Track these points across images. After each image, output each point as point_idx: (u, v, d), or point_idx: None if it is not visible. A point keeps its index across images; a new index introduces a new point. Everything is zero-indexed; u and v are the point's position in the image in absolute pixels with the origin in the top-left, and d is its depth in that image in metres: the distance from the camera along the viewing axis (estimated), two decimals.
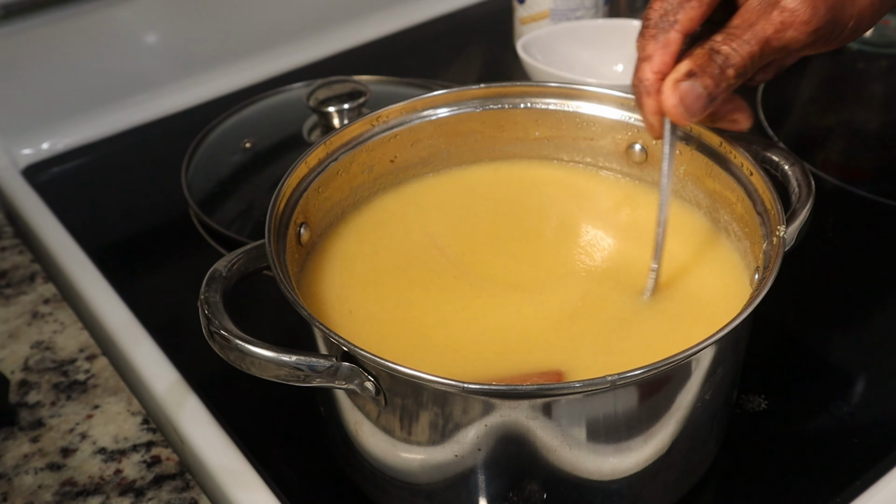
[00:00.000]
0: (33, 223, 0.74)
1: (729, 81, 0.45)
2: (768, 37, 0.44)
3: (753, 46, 0.44)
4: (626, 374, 0.39)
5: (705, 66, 0.45)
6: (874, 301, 0.64)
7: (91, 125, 0.85)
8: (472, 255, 0.54)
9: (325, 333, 0.42)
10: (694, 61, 0.45)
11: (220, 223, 0.69)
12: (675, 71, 0.46)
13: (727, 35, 0.45)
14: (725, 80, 0.45)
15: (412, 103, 0.56)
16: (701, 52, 0.45)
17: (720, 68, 0.45)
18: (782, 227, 0.46)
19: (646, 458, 0.45)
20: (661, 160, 0.49)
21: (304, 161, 0.52)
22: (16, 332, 0.61)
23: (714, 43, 0.45)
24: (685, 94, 0.45)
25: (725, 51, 0.44)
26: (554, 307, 0.50)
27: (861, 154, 0.81)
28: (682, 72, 0.45)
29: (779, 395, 0.56)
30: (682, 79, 0.45)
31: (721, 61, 0.44)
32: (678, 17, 0.45)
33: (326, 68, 0.91)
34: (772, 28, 0.44)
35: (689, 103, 0.45)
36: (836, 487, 0.51)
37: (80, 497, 0.50)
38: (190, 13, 0.89)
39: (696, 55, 0.45)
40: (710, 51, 0.45)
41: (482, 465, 0.43)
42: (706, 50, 0.45)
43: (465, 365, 0.47)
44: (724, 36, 0.45)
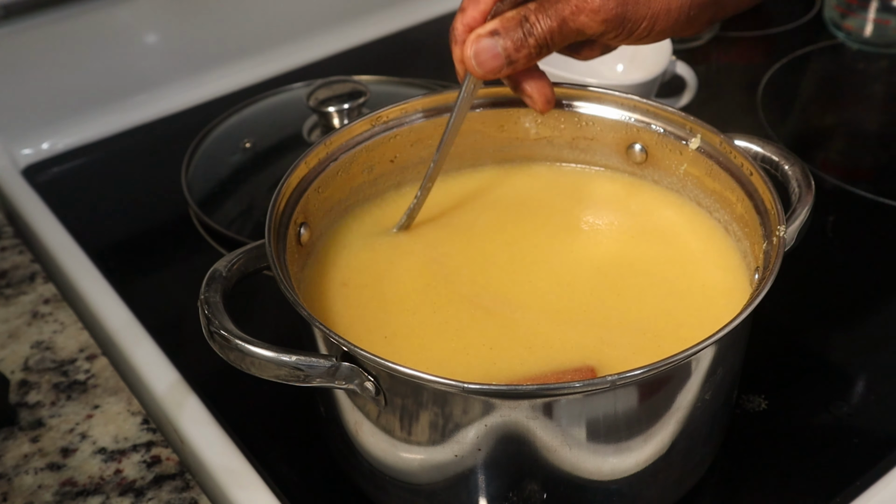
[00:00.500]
0: (33, 223, 0.74)
1: (529, 50, 0.48)
2: (565, 17, 0.47)
3: (553, 22, 0.47)
4: (626, 374, 0.39)
5: (510, 29, 0.47)
6: (874, 301, 0.64)
7: (91, 125, 0.85)
8: (472, 256, 0.54)
9: (325, 333, 0.42)
10: (501, 22, 0.48)
11: (220, 223, 0.69)
12: (482, 27, 0.48)
13: (539, 6, 0.47)
14: (526, 47, 0.47)
15: (412, 103, 0.56)
16: (512, 16, 0.47)
17: (524, 36, 0.47)
18: (782, 227, 0.46)
19: (646, 458, 0.45)
20: (454, 107, 0.52)
21: (304, 161, 0.52)
22: (16, 332, 0.61)
23: (527, 10, 0.47)
24: (483, 49, 0.48)
25: (532, 20, 0.47)
26: (554, 307, 0.50)
27: (861, 154, 0.81)
28: (486, 29, 0.48)
29: (779, 395, 0.56)
30: (484, 35, 0.48)
31: (526, 29, 0.47)
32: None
33: (326, 68, 0.91)
34: (568, 9, 0.46)
35: (483, 58, 0.48)
36: (836, 487, 0.51)
37: (80, 497, 0.50)
38: (190, 13, 0.89)
39: (506, 17, 0.48)
40: (521, 17, 0.47)
41: (482, 465, 0.43)
42: (518, 15, 0.47)
43: (465, 365, 0.47)
44: (536, 6, 0.47)
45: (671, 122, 0.54)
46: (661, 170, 0.57)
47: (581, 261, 0.54)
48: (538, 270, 0.53)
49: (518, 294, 0.51)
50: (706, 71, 0.89)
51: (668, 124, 0.55)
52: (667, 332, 0.48)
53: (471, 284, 0.52)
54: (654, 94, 0.78)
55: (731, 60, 0.93)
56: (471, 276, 0.53)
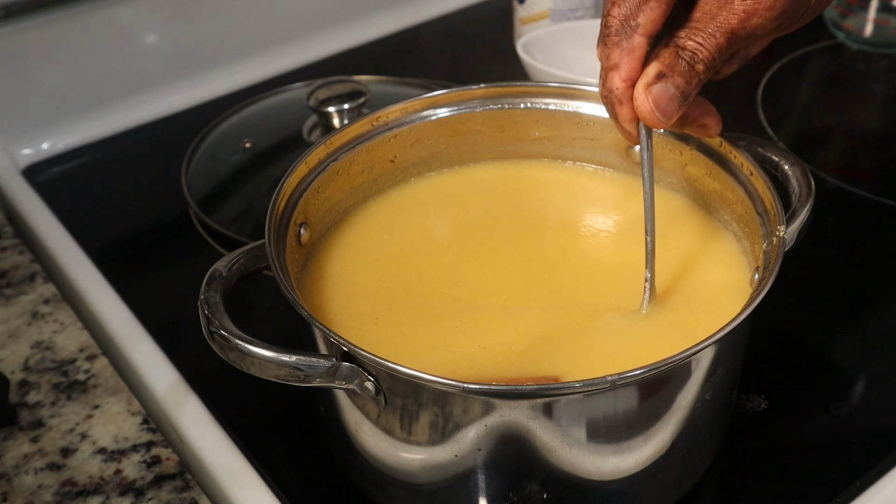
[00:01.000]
0: (33, 223, 0.74)
1: (699, 77, 0.44)
2: (733, 27, 0.43)
3: (720, 38, 0.43)
4: (626, 374, 0.39)
5: (674, 66, 0.44)
6: (874, 301, 0.64)
7: (91, 125, 0.85)
8: (472, 255, 0.54)
9: (325, 333, 0.42)
10: (662, 62, 0.44)
11: (220, 223, 0.69)
12: (645, 75, 0.44)
13: (690, 30, 0.44)
14: (696, 76, 0.44)
15: (412, 103, 0.56)
16: (667, 52, 0.44)
17: (689, 65, 0.44)
18: (782, 227, 0.46)
19: (646, 458, 0.45)
20: (642, 167, 0.48)
21: (304, 161, 0.52)
22: (16, 332, 0.61)
23: (678, 40, 0.44)
24: (658, 96, 0.44)
25: (692, 46, 0.44)
26: (554, 307, 0.50)
27: (861, 154, 0.81)
28: (651, 75, 0.44)
29: (779, 395, 0.56)
30: (652, 82, 0.44)
31: (689, 58, 0.44)
32: (639, 21, 0.44)
33: (326, 68, 0.91)
34: (735, 18, 0.43)
35: (663, 106, 0.44)
36: (836, 487, 0.51)
37: (80, 497, 0.50)
38: (190, 13, 0.89)
39: (662, 56, 0.44)
40: (676, 48, 0.44)
41: (482, 465, 0.43)
42: (672, 48, 0.44)
43: (465, 366, 0.47)
44: (687, 31, 0.44)
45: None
46: (661, 170, 0.57)
47: (581, 261, 0.54)
48: (538, 270, 0.53)
49: (519, 294, 0.51)
50: None
51: None
52: (666, 332, 0.48)
53: (471, 284, 0.52)
54: None
55: None
56: (471, 276, 0.53)
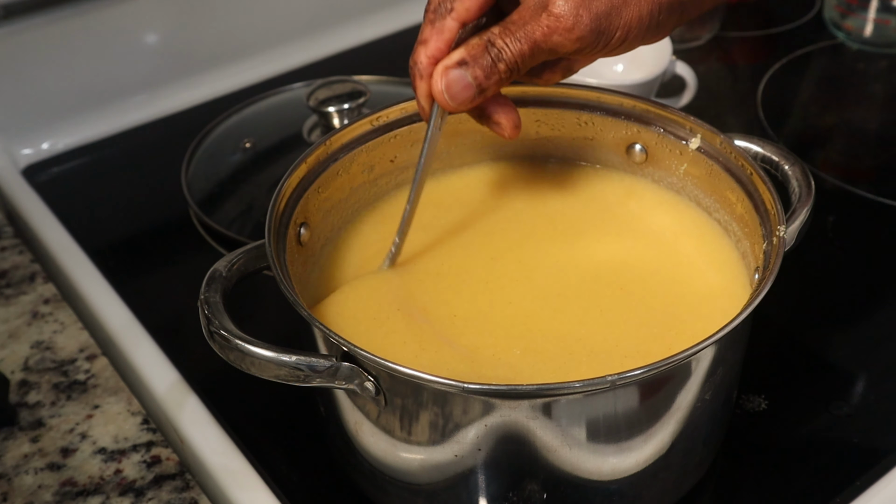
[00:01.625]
0: (33, 223, 0.74)
1: (500, 76, 0.45)
2: (536, 39, 0.44)
3: (524, 45, 0.45)
4: (626, 374, 0.39)
5: (478, 57, 0.45)
6: (874, 301, 0.64)
7: (91, 125, 0.85)
8: (472, 255, 0.54)
9: (325, 333, 0.42)
10: (468, 51, 0.45)
11: (220, 223, 0.69)
12: (448, 58, 0.46)
13: (504, 29, 0.45)
14: (496, 73, 0.45)
15: (412, 103, 0.56)
16: (477, 43, 0.45)
17: (493, 61, 0.45)
18: (782, 227, 0.46)
19: (646, 458, 0.45)
20: (423, 143, 0.49)
21: (304, 161, 0.52)
22: (16, 332, 0.61)
23: (491, 35, 0.45)
24: (453, 81, 0.45)
25: (500, 45, 0.45)
26: (554, 307, 0.50)
27: (861, 154, 0.81)
28: (453, 59, 0.45)
29: (779, 395, 0.56)
30: (452, 66, 0.45)
31: (494, 55, 0.45)
32: (454, 5, 0.46)
33: (326, 68, 0.91)
34: (539, 31, 0.44)
35: (454, 91, 0.46)
36: (836, 487, 0.51)
37: (80, 497, 0.50)
38: (190, 13, 0.89)
39: (471, 45, 0.45)
40: (487, 42, 0.45)
41: (482, 465, 0.43)
42: (483, 41, 0.45)
43: (465, 366, 0.47)
44: (500, 29, 0.45)
45: (671, 122, 0.54)
46: (662, 170, 0.57)
47: (581, 261, 0.54)
48: (538, 270, 0.53)
49: (517, 294, 0.51)
50: (706, 71, 0.89)
51: (668, 124, 0.55)
52: (667, 332, 0.48)
53: (470, 284, 0.52)
54: (654, 94, 0.78)
55: (731, 60, 0.93)
56: (470, 276, 0.53)
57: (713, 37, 0.95)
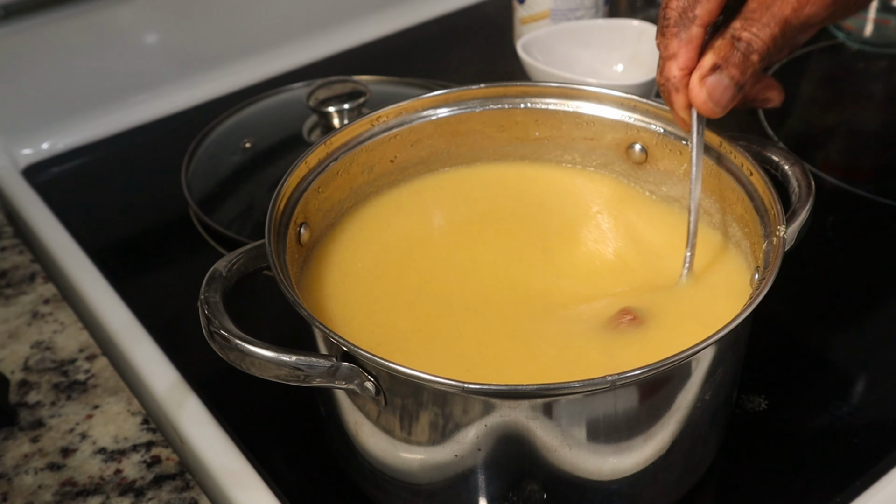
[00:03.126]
0: (33, 223, 0.74)
1: (754, 67, 0.45)
2: (787, 16, 0.44)
3: (774, 28, 0.44)
4: (626, 374, 0.39)
5: (729, 57, 0.45)
6: (874, 301, 0.63)
7: (91, 125, 0.85)
8: (471, 256, 0.54)
9: (325, 333, 0.42)
10: (717, 53, 0.45)
11: (220, 223, 0.69)
12: (700, 66, 0.46)
13: (746, 20, 0.45)
14: (751, 66, 0.45)
15: (412, 103, 0.56)
16: (723, 43, 0.45)
17: (744, 56, 0.45)
18: (782, 227, 0.46)
19: (646, 458, 0.45)
20: (690, 151, 0.50)
21: (304, 161, 0.52)
22: (16, 332, 0.61)
23: (734, 31, 0.45)
24: (713, 87, 0.46)
25: (747, 37, 0.45)
26: (554, 307, 0.50)
27: (861, 154, 0.81)
28: (706, 66, 0.46)
29: (779, 395, 0.56)
30: (707, 73, 0.46)
31: (744, 48, 0.45)
32: (697, 13, 0.46)
33: (326, 68, 0.91)
34: (789, 7, 0.44)
35: (717, 96, 0.46)
36: (836, 487, 0.51)
37: (80, 497, 0.50)
38: (190, 13, 0.89)
39: (718, 46, 0.45)
40: (732, 39, 0.45)
41: (482, 465, 0.43)
42: (728, 39, 0.45)
43: (465, 366, 0.47)
44: (742, 22, 0.45)
45: (671, 122, 0.54)
46: (661, 170, 0.57)
47: (581, 261, 0.54)
48: (538, 270, 0.53)
49: (517, 294, 0.51)
50: None
51: (668, 124, 0.55)
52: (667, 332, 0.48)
53: (469, 285, 0.52)
54: (654, 94, 0.78)
55: None
56: (469, 277, 0.53)
57: None
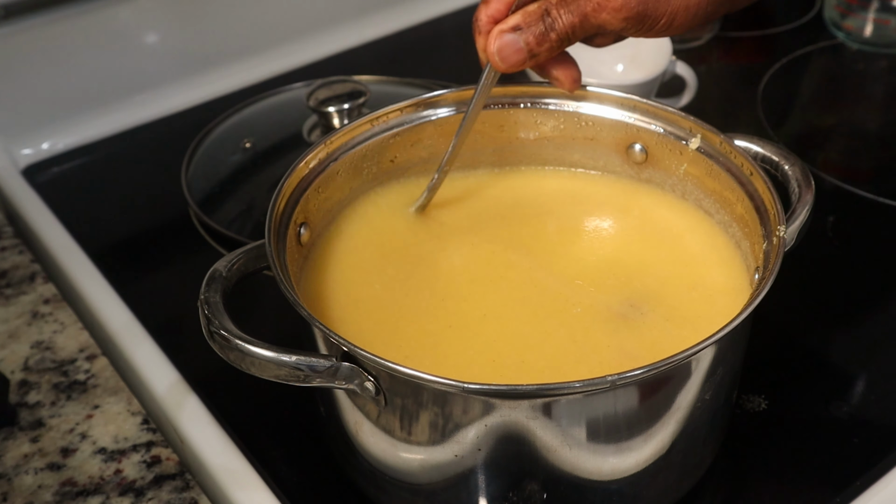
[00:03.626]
0: (33, 223, 0.74)
1: (551, 44, 0.48)
2: (586, 13, 0.47)
3: (574, 18, 0.47)
4: (626, 374, 0.39)
5: (532, 24, 0.48)
6: (874, 301, 0.64)
7: (91, 125, 0.85)
8: (471, 256, 0.54)
9: (325, 333, 0.42)
10: (523, 17, 0.48)
11: (220, 223, 0.69)
12: (504, 21, 0.49)
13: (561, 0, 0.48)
14: (548, 41, 0.48)
15: (412, 103, 0.56)
16: (534, 10, 0.48)
17: (546, 30, 0.48)
18: (782, 227, 0.46)
19: (646, 458, 0.45)
20: (475, 90, 0.52)
21: (304, 161, 0.52)
22: (16, 332, 0.61)
23: (548, 4, 0.48)
24: (505, 44, 0.48)
25: (554, 14, 0.48)
26: (554, 306, 0.50)
27: (861, 154, 0.81)
28: (509, 24, 0.48)
29: (779, 395, 0.56)
30: (507, 30, 0.48)
31: (548, 24, 0.48)
32: None
33: (326, 68, 0.91)
34: (590, 6, 0.47)
35: (506, 54, 0.49)
36: (836, 487, 0.51)
37: (80, 497, 0.50)
38: (190, 13, 0.89)
39: (528, 11, 0.48)
40: (543, 11, 0.48)
41: (482, 465, 0.43)
42: (539, 9, 0.48)
43: (465, 366, 0.47)
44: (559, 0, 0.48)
45: (671, 122, 0.54)
46: (662, 170, 0.57)
47: (581, 261, 0.54)
48: (538, 270, 0.53)
49: (518, 295, 0.51)
50: (706, 71, 0.89)
51: (668, 124, 0.55)
52: (667, 332, 0.48)
53: (469, 285, 0.52)
54: (654, 94, 0.78)
55: (731, 60, 0.93)
56: (470, 277, 0.53)
57: (713, 37, 0.95)
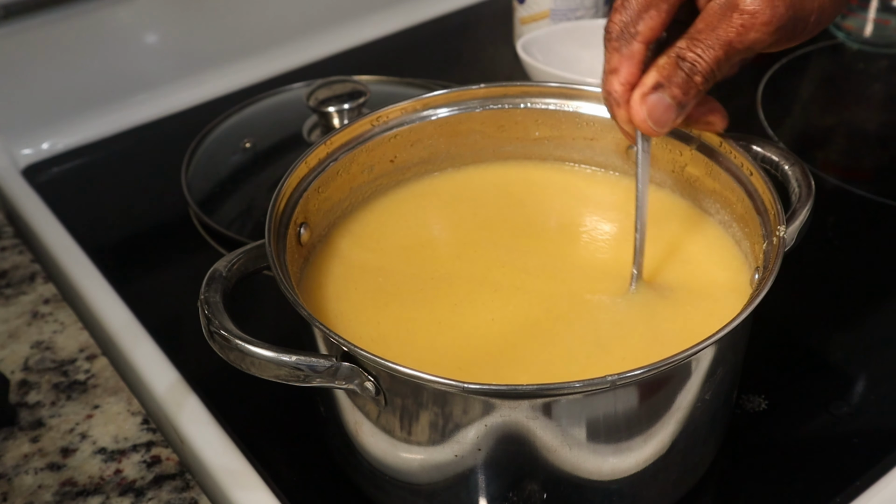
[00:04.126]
0: (33, 223, 0.74)
1: (697, 88, 0.45)
2: (731, 40, 0.43)
3: (718, 51, 0.44)
4: (626, 374, 0.39)
5: (672, 76, 0.44)
6: (874, 301, 0.63)
7: (91, 125, 0.85)
8: (471, 256, 0.54)
9: (325, 333, 0.42)
10: (660, 72, 0.45)
11: (220, 223, 0.69)
12: (642, 84, 0.45)
13: (691, 40, 0.44)
14: (694, 87, 0.45)
15: (412, 103, 0.56)
16: (667, 62, 0.44)
17: (687, 76, 0.44)
18: (782, 227, 0.46)
19: (646, 458, 0.45)
20: (636, 167, 0.49)
21: (304, 161, 0.52)
22: (16, 332, 0.61)
23: (679, 50, 0.44)
24: (653, 106, 0.45)
25: (691, 57, 0.44)
26: (554, 307, 0.50)
27: (861, 154, 0.81)
28: (648, 85, 0.45)
29: (779, 395, 0.56)
30: (649, 92, 0.45)
31: (688, 69, 0.44)
32: (639, 28, 0.45)
33: (326, 68, 0.91)
34: (733, 32, 0.43)
35: (657, 115, 0.45)
36: (836, 487, 0.51)
37: (80, 497, 0.50)
38: (190, 13, 0.89)
39: (661, 65, 0.45)
40: (677, 58, 0.44)
41: (482, 465, 0.43)
42: (672, 58, 0.44)
43: (465, 366, 0.47)
44: (688, 42, 0.44)
45: None
46: (661, 170, 0.57)
47: (581, 261, 0.54)
48: (538, 271, 0.53)
49: (518, 295, 0.51)
50: None
51: None
52: (667, 332, 0.48)
53: (470, 285, 0.52)
54: None
55: None
56: (470, 277, 0.53)
57: None
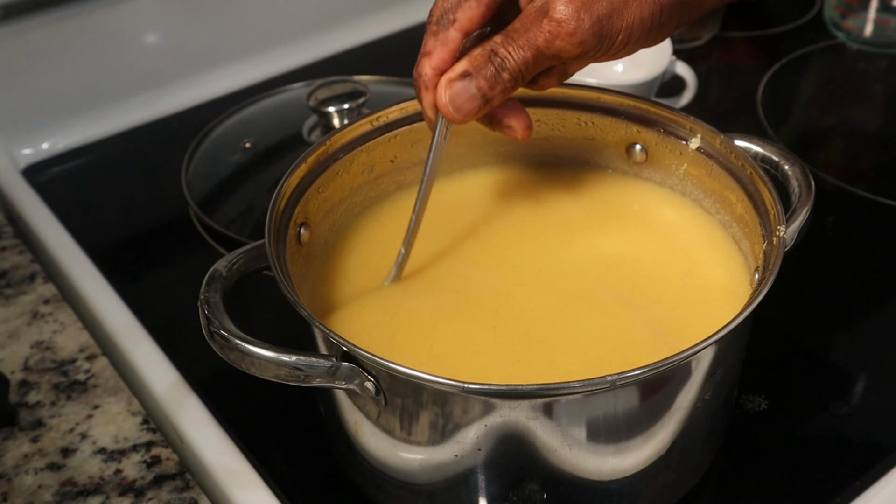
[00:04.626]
0: (33, 223, 0.74)
1: (504, 85, 0.45)
2: (539, 45, 0.44)
3: (527, 53, 0.44)
4: (626, 374, 0.39)
5: (481, 68, 0.45)
6: (874, 301, 0.64)
7: (91, 125, 0.85)
8: (471, 255, 0.54)
9: (325, 333, 0.42)
10: (471, 62, 0.45)
11: (220, 223, 0.69)
12: (451, 70, 0.46)
13: (506, 38, 0.45)
14: (501, 83, 0.45)
15: (412, 103, 0.56)
16: (479, 53, 0.45)
17: (497, 71, 0.45)
18: (782, 227, 0.46)
19: (646, 458, 0.45)
20: (428, 151, 0.49)
21: (304, 161, 0.52)
22: (16, 332, 0.61)
23: (494, 45, 0.45)
24: (458, 93, 0.45)
25: (503, 54, 0.44)
26: (554, 306, 0.50)
27: (861, 154, 0.81)
28: (457, 71, 0.45)
29: (779, 395, 0.56)
30: (456, 78, 0.45)
31: (498, 64, 0.44)
32: (457, 16, 0.46)
33: (326, 68, 0.91)
34: (542, 37, 0.44)
35: (459, 103, 0.45)
36: (836, 487, 0.51)
37: (80, 497, 0.50)
38: (190, 13, 0.89)
39: (474, 56, 0.45)
40: (490, 52, 0.45)
41: (482, 465, 0.43)
42: (486, 51, 0.45)
43: (465, 365, 0.47)
44: (503, 38, 0.45)
45: (671, 122, 0.54)
46: (662, 170, 0.57)
47: (581, 262, 0.54)
48: (538, 271, 0.53)
49: (519, 295, 0.51)
50: (706, 71, 0.89)
51: (668, 124, 0.55)
52: (667, 332, 0.48)
53: (470, 285, 0.52)
54: (654, 94, 0.78)
55: (731, 60, 0.93)
56: (470, 277, 0.53)
57: (713, 37, 0.95)
